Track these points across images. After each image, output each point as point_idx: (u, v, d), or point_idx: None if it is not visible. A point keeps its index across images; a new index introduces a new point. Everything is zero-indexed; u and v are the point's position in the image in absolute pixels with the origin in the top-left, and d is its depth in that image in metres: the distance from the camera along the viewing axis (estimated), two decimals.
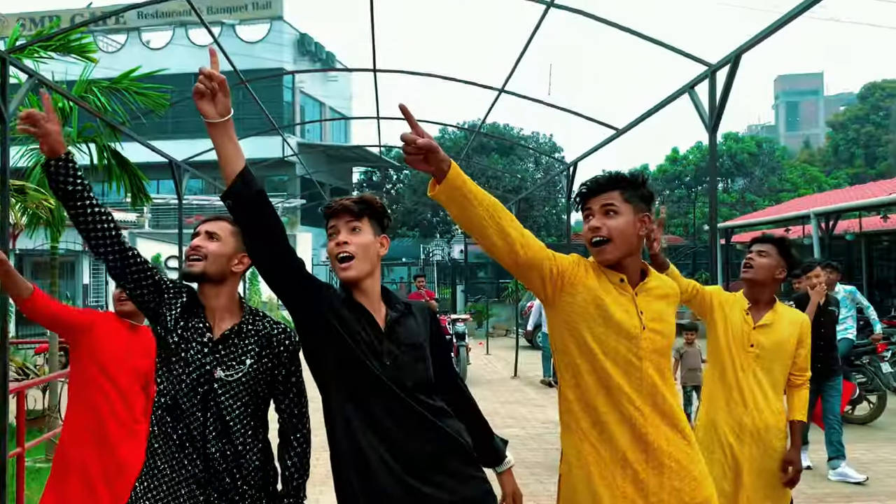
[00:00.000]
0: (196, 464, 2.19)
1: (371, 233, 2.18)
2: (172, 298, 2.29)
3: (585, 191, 2.27)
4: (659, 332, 2.18)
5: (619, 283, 2.20)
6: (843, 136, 43.10)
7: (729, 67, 4.93)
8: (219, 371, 2.21)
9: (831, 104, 68.04)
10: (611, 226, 2.16)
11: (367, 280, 2.17)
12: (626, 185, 2.22)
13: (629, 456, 2.13)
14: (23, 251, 16.91)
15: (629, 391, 2.14)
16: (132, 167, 7.40)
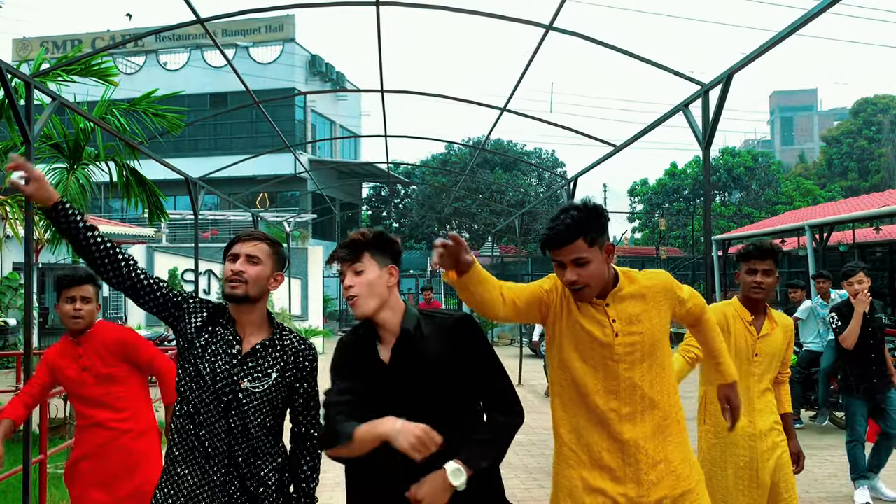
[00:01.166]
0: (218, 470, 2.29)
1: (375, 267, 2.23)
2: (193, 312, 2.38)
3: (550, 244, 2.28)
4: (635, 333, 2.27)
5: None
6: (836, 150, 43.59)
7: (721, 86, 5.10)
8: (245, 382, 2.31)
9: (825, 119, 68.70)
10: (585, 275, 2.23)
11: (381, 313, 2.23)
12: (588, 229, 2.23)
13: (605, 457, 2.26)
14: (45, 265, 17.29)
15: (604, 393, 2.27)
16: (150, 185, 7.67)
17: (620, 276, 2.36)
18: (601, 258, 2.26)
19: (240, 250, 2.38)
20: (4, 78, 4.38)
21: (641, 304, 2.32)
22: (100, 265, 2.35)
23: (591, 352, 2.28)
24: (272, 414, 2.36)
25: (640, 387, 2.26)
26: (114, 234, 18.87)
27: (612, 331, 2.27)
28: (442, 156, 35.56)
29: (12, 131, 5.78)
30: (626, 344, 2.26)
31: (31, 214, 4.60)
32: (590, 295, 2.28)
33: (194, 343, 2.34)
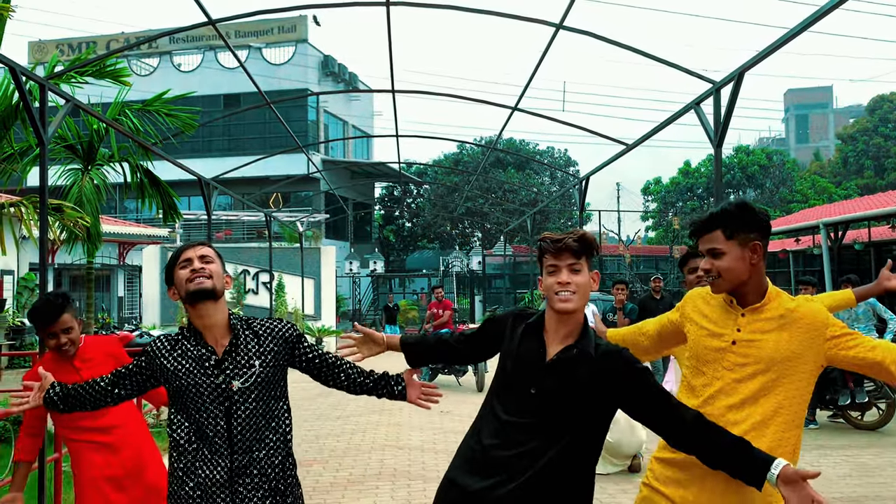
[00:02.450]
0: (224, 471, 2.32)
1: (587, 271, 2.27)
2: (158, 354, 2.42)
3: (693, 232, 2.43)
4: (754, 347, 2.28)
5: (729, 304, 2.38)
6: (852, 147, 43.21)
7: (733, 84, 5.07)
8: (235, 383, 2.35)
9: (841, 117, 68.21)
10: (718, 265, 2.31)
11: (577, 314, 2.26)
12: (728, 222, 2.30)
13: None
14: (61, 265, 17.47)
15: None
16: (164, 185, 7.73)
17: (769, 295, 2.35)
18: (739, 254, 2.29)
19: (191, 254, 2.45)
20: (19, 80, 4.44)
21: (777, 326, 2.29)
22: (91, 408, 2.57)
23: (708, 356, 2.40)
24: (271, 400, 2.41)
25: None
26: (129, 234, 19.04)
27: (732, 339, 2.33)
28: (454, 155, 35.58)
29: (27, 133, 5.85)
30: (742, 355, 2.30)
31: (46, 215, 4.65)
32: (722, 287, 2.33)
33: (174, 381, 2.38)
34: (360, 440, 7.57)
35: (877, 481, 6.07)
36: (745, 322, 2.31)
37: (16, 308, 15.51)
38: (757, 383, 2.26)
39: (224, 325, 2.43)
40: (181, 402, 2.38)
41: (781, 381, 2.26)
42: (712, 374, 2.34)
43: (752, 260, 2.30)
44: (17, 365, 14.40)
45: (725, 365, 2.31)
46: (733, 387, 2.29)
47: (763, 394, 2.26)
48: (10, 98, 5.60)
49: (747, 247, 2.30)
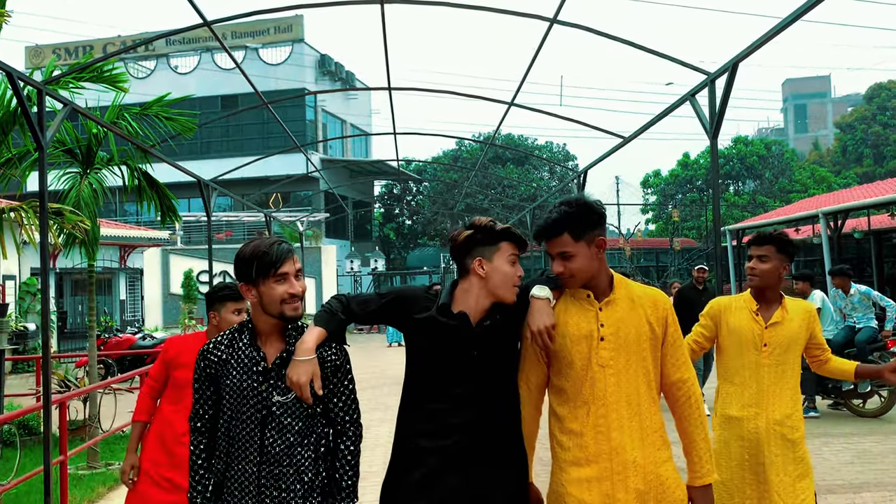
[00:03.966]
0: (252, 478, 2.29)
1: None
2: (218, 362, 2.36)
3: (538, 236, 2.45)
4: (619, 338, 2.35)
5: (586, 298, 2.42)
6: (851, 136, 43.22)
7: (727, 75, 5.08)
8: (275, 396, 2.28)
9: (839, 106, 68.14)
10: (571, 267, 2.37)
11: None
12: (574, 224, 2.36)
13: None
14: (62, 270, 17.51)
15: (589, 398, 2.35)
16: (161, 187, 7.74)
17: (614, 284, 2.45)
18: (588, 252, 2.37)
19: (290, 269, 2.31)
20: (17, 85, 4.45)
21: (630, 311, 2.41)
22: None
23: (575, 357, 2.44)
24: (309, 421, 2.34)
25: (627, 396, 2.41)
26: (129, 237, 19.08)
27: (598, 334, 2.38)
28: (453, 152, 35.58)
29: (25, 138, 5.87)
30: (611, 348, 2.37)
31: (46, 219, 4.67)
32: (574, 285, 2.42)
33: (229, 393, 2.33)
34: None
35: (879, 468, 6.10)
36: (604, 315, 2.39)
37: (18, 313, 15.55)
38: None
39: (280, 332, 2.36)
40: (225, 403, 2.34)
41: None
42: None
43: (598, 255, 2.39)
44: (20, 370, 14.44)
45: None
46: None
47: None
48: (9, 103, 5.62)
49: (594, 243, 2.38)
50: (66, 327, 18.24)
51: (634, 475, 2.29)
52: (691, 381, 2.44)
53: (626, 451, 2.30)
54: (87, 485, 6.25)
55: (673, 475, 2.35)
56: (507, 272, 2.37)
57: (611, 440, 2.31)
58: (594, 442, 2.32)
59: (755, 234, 3.38)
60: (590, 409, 2.34)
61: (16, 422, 7.31)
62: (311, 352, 2.28)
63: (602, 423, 2.32)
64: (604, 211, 2.46)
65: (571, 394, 2.37)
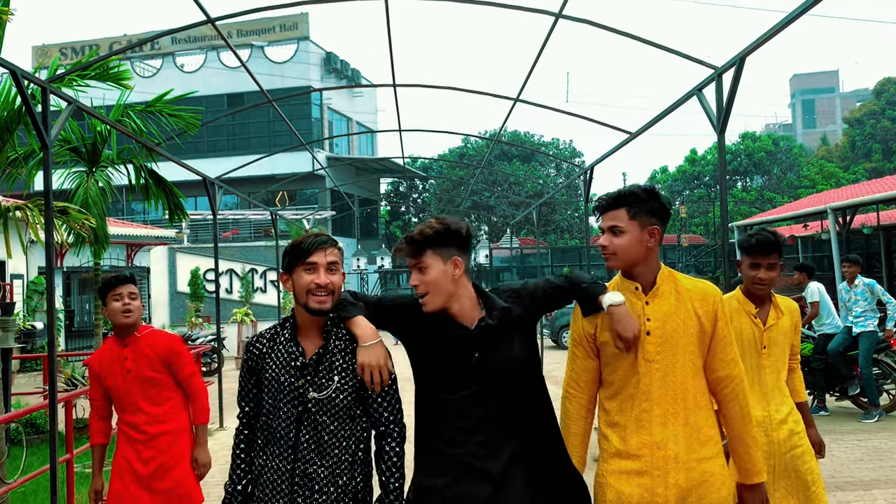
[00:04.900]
0: (285, 476, 2.27)
1: (439, 262, 2.24)
2: (264, 354, 2.35)
3: (597, 208, 2.46)
4: (666, 332, 2.33)
5: (633, 291, 2.40)
6: (859, 131, 42.93)
7: (734, 70, 5.04)
8: (311, 392, 2.26)
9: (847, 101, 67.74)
10: (616, 244, 2.37)
11: (448, 305, 2.26)
12: (633, 203, 2.37)
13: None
14: (70, 268, 17.57)
15: (634, 392, 2.34)
16: (169, 185, 7.74)
17: (659, 278, 2.42)
18: (639, 236, 2.36)
19: (320, 259, 2.28)
20: (21, 84, 4.45)
21: (677, 304, 2.38)
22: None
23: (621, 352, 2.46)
24: (348, 420, 2.29)
25: (674, 390, 2.39)
26: (136, 236, 19.11)
27: (645, 327, 2.37)
28: (459, 149, 35.55)
29: (30, 137, 5.87)
30: (657, 343, 2.36)
31: (51, 218, 4.67)
32: (615, 264, 2.42)
33: (270, 385, 2.32)
34: None
35: (888, 465, 6.05)
36: (650, 309, 2.37)
37: (26, 312, 15.61)
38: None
39: (320, 328, 2.33)
40: (265, 397, 2.33)
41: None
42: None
43: (648, 243, 2.38)
44: (28, 368, 14.50)
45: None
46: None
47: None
48: (13, 102, 5.62)
49: (647, 230, 2.37)
50: (73, 326, 18.30)
51: (675, 471, 2.27)
52: (739, 379, 2.40)
53: (668, 446, 2.29)
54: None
55: (720, 472, 2.32)
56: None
57: (652, 434, 2.30)
58: (636, 435, 2.32)
59: (754, 238, 3.20)
60: (634, 403, 2.34)
61: (23, 420, 7.33)
62: (376, 335, 2.26)
63: (645, 416, 2.32)
64: (670, 207, 2.45)
65: (618, 387, 2.39)
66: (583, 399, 2.48)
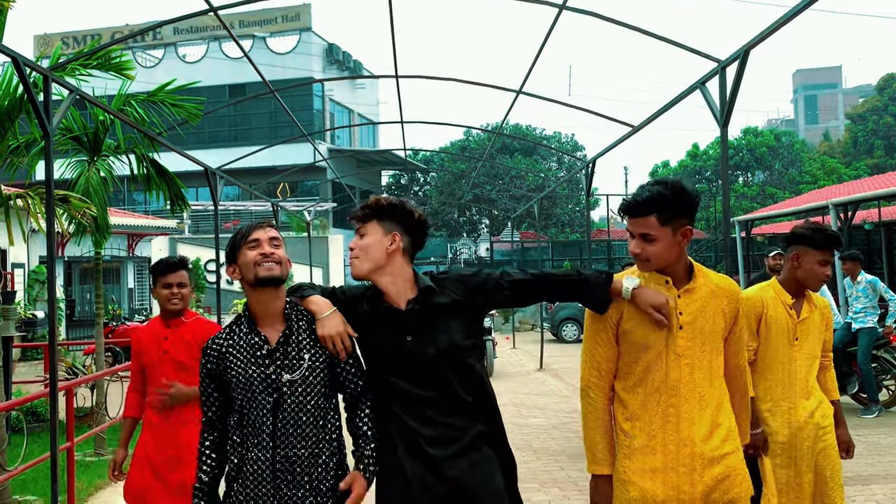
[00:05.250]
0: (267, 464, 2.27)
1: (379, 233, 2.34)
2: (224, 352, 2.35)
3: (625, 211, 2.36)
4: (697, 328, 2.31)
5: (664, 284, 2.36)
6: (862, 127, 42.80)
7: (738, 63, 5.02)
8: (285, 375, 2.28)
9: (850, 96, 67.61)
10: (649, 251, 2.31)
11: (379, 277, 2.34)
12: (664, 208, 2.26)
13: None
14: (71, 258, 17.57)
15: (661, 386, 2.30)
16: (170, 175, 7.73)
17: (694, 272, 2.40)
18: (672, 240, 2.29)
19: (260, 235, 2.36)
20: (23, 72, 4.43)
21: (712, 301, 2.38)
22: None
23: (656, 344, 2.46)
24: (322, 398, 2.33)
25: (699, 386, 2.39)
26: (137, 226, 19.12)
27: (678, 321, 2.34)
28: (461, 143, 35.50)
29: (32, 125, 5.86)
30: (687, 338, 2.35)
31: (52, 206, 4.66)
32: (649, 269, 2.36)
33: (235, 379, 2.32)
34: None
35: (887, 460, 6.07)
36: (683, 303, 2.34)
37: (27, 301, 15.62)
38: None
39: (279, 312, 2.36)
40: (234, 395, 2.33)
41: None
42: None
43: (681, 244, 2.32)
44: (29, 357, 14.53)
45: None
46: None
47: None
48: (14, 90, 5.61)
49: (679, 232, 2.29)
50: (74, 315, 18.32)
51: (702, 468, 2.25)
52: (744, 366, 2.49)
53: (696, 443, 2.26)
54: (95, 471, 6.28)
55: (741, 466, 2.32)
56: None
57: (679, 431, 2.27)
58: (662, 431, 2.29)
59: (830, 233, 3.14)
60: (661, 398, 2.30)
61: (24, 408, 7.35)
62: (330, 306, 2.34)
63: (672, 412, 2.29)
64: (698, 200, 2.36)
65: (640, 379, 2.34)
66: (606, 389, 2.44)
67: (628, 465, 2.33)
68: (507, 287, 2.40)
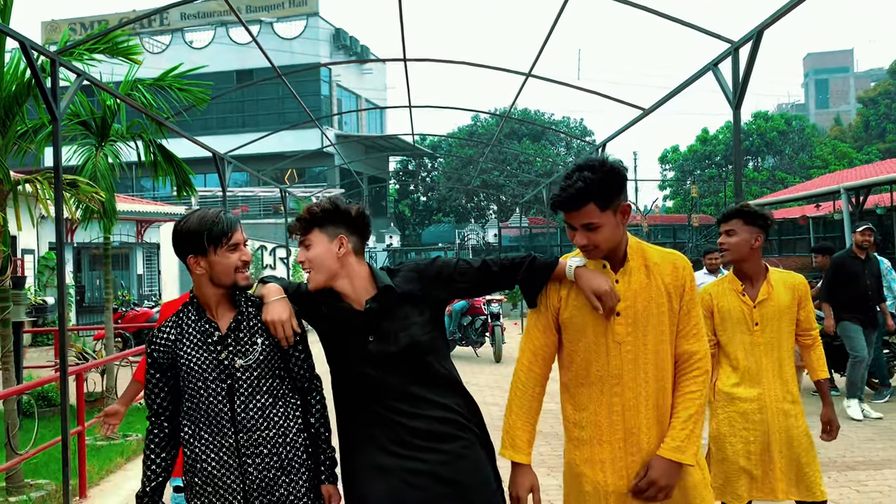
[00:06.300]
0: (231, 450, 2.24)
1: (324, 241, 2.27)
2: (175, 343, 2.31)
3: (560, 207, 2.23)
4: (637, 312, 2.21)
5: (601, 269, 2.26)
6: (873, 111, 42.35)
7: (751, 44, 4.95)
8: (238, 360, 2.27)
9: (862, 80, 66.85)
10: (596, 239, 2.20)
11: (336, 282, 2.28)
12: (600, 194, 2.15)
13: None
14: (80, 244, 17.65)
15: (603, 375, 2.21)
16: (177, 161, 7.72)
17: (627, 254, 2.27)
18: (614, 222, 2.20)
19: (240, 239, 2.33)
20: (30, 56, 4.41)
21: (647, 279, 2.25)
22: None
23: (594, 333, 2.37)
24: (277, 382, 2.32)
25: (644, 375, 2.27)
26: (146, 212, 19.16)
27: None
28: (469, 128, 35.36)
29: (40, 110, 5.85)
30: (627, 323, 2.24)
31: (61, 190, 4.66)
32: (597, 256, 2.25)
33: (187, 364, 2.29)
34: None
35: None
36: (619, 287, 2.23)
37: (38, 287, 15.71)
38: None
39: (229, 299, 2.35)
40: (184, 385, 2.29)
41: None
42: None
43: (622, 222, 2.22)
44: (40, 343, 14.62)
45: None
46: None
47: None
48: (22, 75, 5.58)
49: (619, 211, 2.20)
50: (84, 301, 18.42)
51: (650, 457, 2.20)
52: (701, 355, 2.26)
53: (642, 431, 2.20)
54: (106, 455, 6.31)
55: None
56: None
57: (625, 420, 2.20)
58: (608, 421, 2.22)
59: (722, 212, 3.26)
60: (603, 387, 2.22)
61: (35, 393, 7.40)
62: (280, 292, 2.32)
63: (616, 401, 2.21)
64: (626, 172, 2.26)
65: (584, 369, 2.25)
66: (540, 375, 2.33)
67: (578, 455, 2.27)
68: (463, 274, 2.34)
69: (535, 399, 2.32)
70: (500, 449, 2.31)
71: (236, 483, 2.24)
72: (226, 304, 2.34)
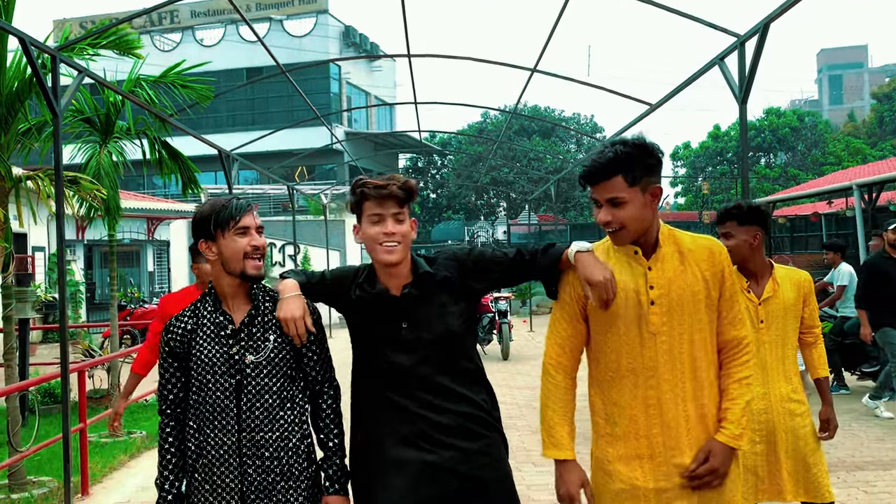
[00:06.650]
0: (232, 449, 2.20)
1: (408, 219, 2.25)
2: (188, 333, 2.28)
3: (587, 178, 2.15)
4: (672, 301, 2.13)
5: (633, 255, 2.18)
6: (888, 107, 41.84)
7: (758, 37, 4.87)
8: (249, 356, 2.22)
9: (876, 76, 66.17)
10: (621, 217, 2.11)
11: (402, 263, 2.24)
12: (630, 167, 2.08)
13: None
14: (91, 241, 17.75)
15: (637, 368, 2.14)
16: (183, 158, 7.72)
17: (660, 239, 2.19)
18: (643, 201, 2.10)
19: (250, 222, 2.24)
20: (30, 52, 4.40)
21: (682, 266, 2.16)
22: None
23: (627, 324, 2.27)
24: (287, 382, 2.26)
25: (681, 364, 2.19)
26: (156, 210, 19.24)
27: (648, 297, 2.16)
28: (478, 125, 35.28)
29: (42, 107, 5.85)
30: (662, 313, 2.16)
31: (61, 186, 4.65)
32: (626, 239, 2.15)
33: (199, 357, 2.25)
34: None
35: None
36: (652, 276, 2.15)
37: (48, 284, 15.80)
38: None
39: (245, 293, 2.29)
40: (194, 377, 2.25)
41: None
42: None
43: (653, 206, 2.13)
44: (50, 339, 14.71)
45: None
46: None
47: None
48: (24, 72, 5.59)
49: (648, 192, 2.11)
50: (94, 299, 18.53)
51: (690, 452, 2.12)
52: (749, 340, 2.20)
53: (681, 425, 2.12)
54: (109, 452, 6.32)
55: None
56: (368, 234, 2.22)
57: (662, 414, 2.12)
58: (644, 416, 2.13)
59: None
60: (637, 380, 2.14)
61: (41, 389, 7.42)
62: (296, 288, 2.25)
63: (652, 395, 2.12)
64: (662, 155, 2.17)
65: (615, 361, 2.17)
66: (570, 368, 2.26)
67: (612, 452, 2.18)
68: (500, 263, 2.31)
69: (568, 391, 2.25)
70: (542, 451, 2.26)
71: (235, 483, 2.20)
72: (242, 297, 2.28)
